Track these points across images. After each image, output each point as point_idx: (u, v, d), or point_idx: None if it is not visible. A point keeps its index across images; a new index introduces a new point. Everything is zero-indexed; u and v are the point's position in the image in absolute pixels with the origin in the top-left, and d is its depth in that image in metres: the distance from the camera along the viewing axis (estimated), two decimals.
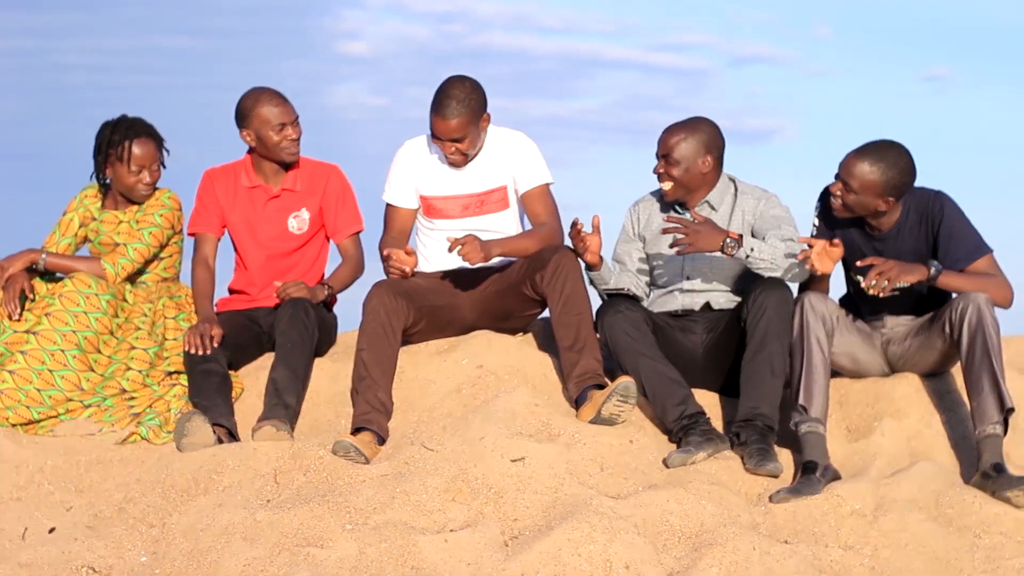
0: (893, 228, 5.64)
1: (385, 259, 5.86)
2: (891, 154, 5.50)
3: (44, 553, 4.92)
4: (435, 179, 6.00)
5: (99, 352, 5.85)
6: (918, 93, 15.47)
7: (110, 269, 6.01)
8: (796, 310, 5.50)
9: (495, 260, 6.00)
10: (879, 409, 5.77)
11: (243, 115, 6.03)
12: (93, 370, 5.81)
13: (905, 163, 5.51)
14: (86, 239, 6.25)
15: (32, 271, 6.03)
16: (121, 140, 6.05)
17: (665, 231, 5.64)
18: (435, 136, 5.84)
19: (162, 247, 6.16)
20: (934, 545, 5.01)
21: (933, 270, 5.41)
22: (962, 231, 5.56)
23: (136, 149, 6.05)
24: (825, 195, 5.76)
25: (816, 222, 5.77)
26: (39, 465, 5.52)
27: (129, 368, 5.85)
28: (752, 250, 5.52)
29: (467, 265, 5.96)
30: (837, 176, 5.56)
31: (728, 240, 5.50)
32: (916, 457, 5.58)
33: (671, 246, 5.58)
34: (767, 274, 5.58)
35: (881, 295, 5.37)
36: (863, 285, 5.37)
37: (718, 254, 5.65)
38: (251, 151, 6.13)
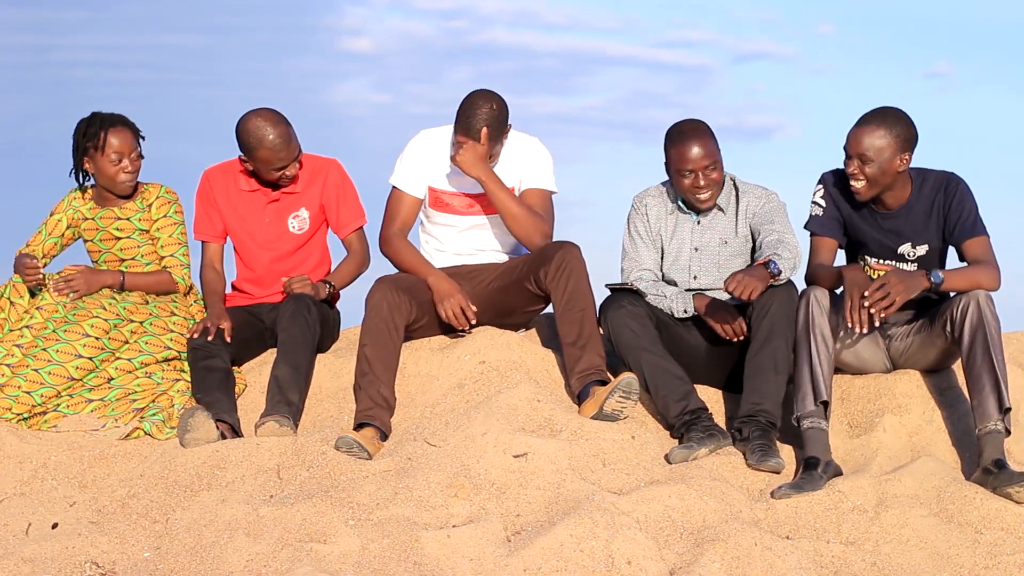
0: (904, 206, 5.66)
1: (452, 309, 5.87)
2: (889, 113, 5.59)
3: (48, 548, 4.94)
4: (446, 173, 6.00)
5: (95, 317, 5.84)
6: (920, 90, 15.47)
7: (181, 283, 6.18)
8: (801, 304, 5.51)
9: (495, 259, 6.02)
10: (880, 405, 5.77)
11: (243, 148, 6.03)
12: (89, 334, 5.79)
13: (904, 116, 5.60)
14: (75, 238, 6.26)
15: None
16: (97, 131, 6.08)
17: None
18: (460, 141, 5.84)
19: None
20: (935, 541, 5.02)
21: (934, 279, 5.42)
22: (971, 208, 5.61)
23: (113, 138, 6.08)
24: (827, 177, 5.78)
25: (822, 203, 5.75)
26: (42, 460, 5.53)
27: (142, 351, 5.85)
28: (781, 272, 5.55)
29: (470, 263, 5.98)
30: (848, 158, 5.58)
31: (772, 267, 5.52)
32: (917, 453, 5.59)
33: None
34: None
35: (883, 315, 5.36)
36: (871, 310, 5.33)
37: (726, 254, 5.82)
38: None
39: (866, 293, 5.33)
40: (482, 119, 5.77)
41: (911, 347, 5.76)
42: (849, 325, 5.37)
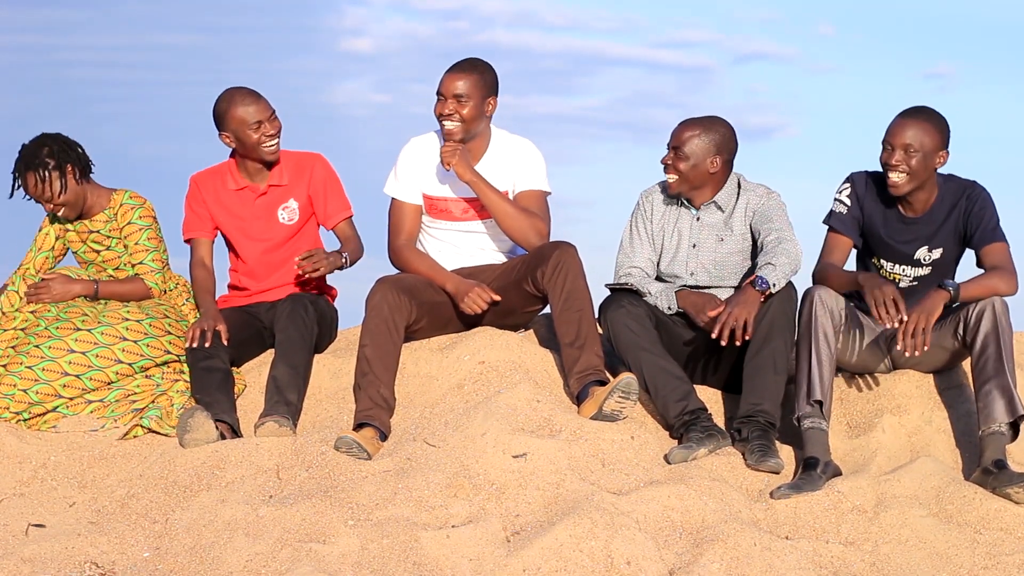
0: (928, 210, 5.67)
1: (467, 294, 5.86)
2: (930, 110, 5.63)
3: (47, 548, 4.94)
4: (439, 179, 6.00)
5: (85, 315, 5.85)
6: (920, 91, 15.48)
7: (154, 287, 6.10)
8: (805, 304, 5.50)
9: (494, 260, 6.02)
10: (880, 405, 5.77)
11: (219, 118, 6.02)
12: (79, 328, 5.79)
13: (940, 114, 5.63)
14: (66, 249, 6.24)
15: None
16: (19, 172, 5.99)
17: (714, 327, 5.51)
18: (439, 94, 5.83)
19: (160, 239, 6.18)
20: (934, 541, 5.02)
21: (952, 290, 5.42)
22: (992, 216, 5.62)
23: (30, 178, 5.97)
24: (856, 176, 5.75)
25: (847, 201, 5.72)
26: (42, 461, 5.53)
27: (124, 339, 5.82)
28: (773, 286, 5.53)
29: (468, 266, 5.98)
30: (890, 150, 5.55)
31: (759, 285, 5.51)
32: (917, 453, 5.59)
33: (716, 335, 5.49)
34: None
35: (920, 351, 5.39)
36: (899, 347, 5.39)
37: (724, 251, 5.81)
38: (234, 153, 6.14)
39: (899, 341, 5.36)
40: (470, 62, 5.78)
41: None
42: (899, 347, 5.39)
